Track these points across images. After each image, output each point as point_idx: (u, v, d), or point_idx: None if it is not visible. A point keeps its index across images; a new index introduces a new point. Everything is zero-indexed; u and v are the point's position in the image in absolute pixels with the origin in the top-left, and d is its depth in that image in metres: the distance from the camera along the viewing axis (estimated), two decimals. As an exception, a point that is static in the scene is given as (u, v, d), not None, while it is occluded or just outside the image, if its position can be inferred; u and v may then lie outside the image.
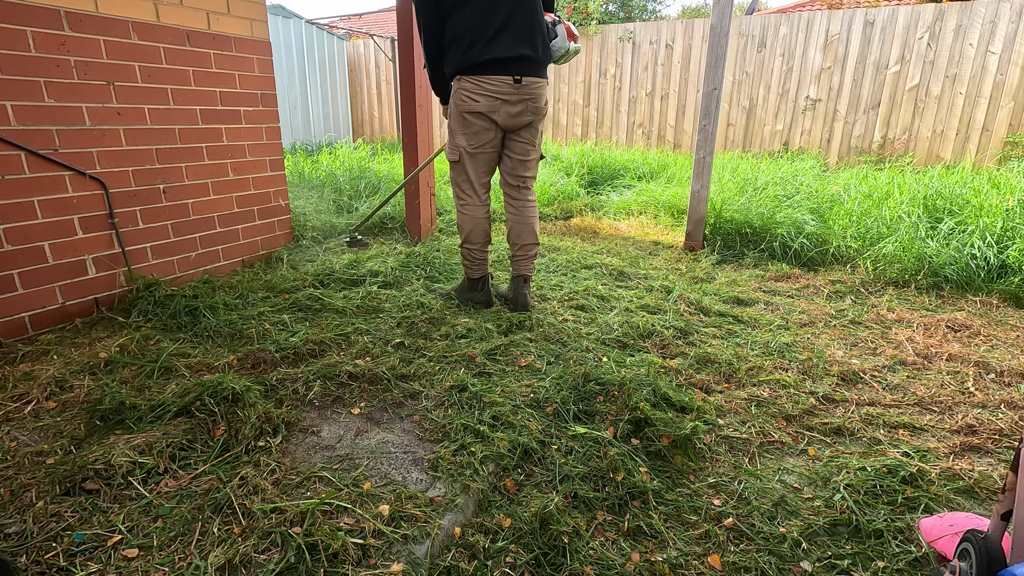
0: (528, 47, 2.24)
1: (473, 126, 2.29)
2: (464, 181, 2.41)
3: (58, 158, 2.23)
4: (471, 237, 2.47)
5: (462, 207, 2.46)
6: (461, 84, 2.25)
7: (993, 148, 6.17)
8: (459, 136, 2.33)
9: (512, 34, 2.20)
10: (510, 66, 2.22)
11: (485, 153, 2.36)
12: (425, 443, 1.58)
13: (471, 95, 2.24)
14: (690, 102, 7.65)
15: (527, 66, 2.25)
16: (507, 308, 2.57)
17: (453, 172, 2.44)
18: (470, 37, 2.18)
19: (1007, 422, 1.79)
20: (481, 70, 2.20)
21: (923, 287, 3.03)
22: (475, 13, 2.16)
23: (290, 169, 5.33)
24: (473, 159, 2.36)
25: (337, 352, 2.05)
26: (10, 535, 1.23)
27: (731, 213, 3.88)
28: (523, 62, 2.24)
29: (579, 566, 1.21)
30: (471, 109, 2.25)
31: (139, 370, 1.91)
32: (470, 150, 2.34)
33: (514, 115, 2.29)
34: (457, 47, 2.21)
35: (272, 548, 1.18)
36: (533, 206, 2.52)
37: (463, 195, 2.45)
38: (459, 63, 2.22)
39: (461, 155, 2.36)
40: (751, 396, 1.94)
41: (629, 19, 11.68)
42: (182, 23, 2.60)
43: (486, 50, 2.18)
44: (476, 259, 2.51)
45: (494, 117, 2.27)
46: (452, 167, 2.43)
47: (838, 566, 1.25)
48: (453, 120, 2.33)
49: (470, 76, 2.22)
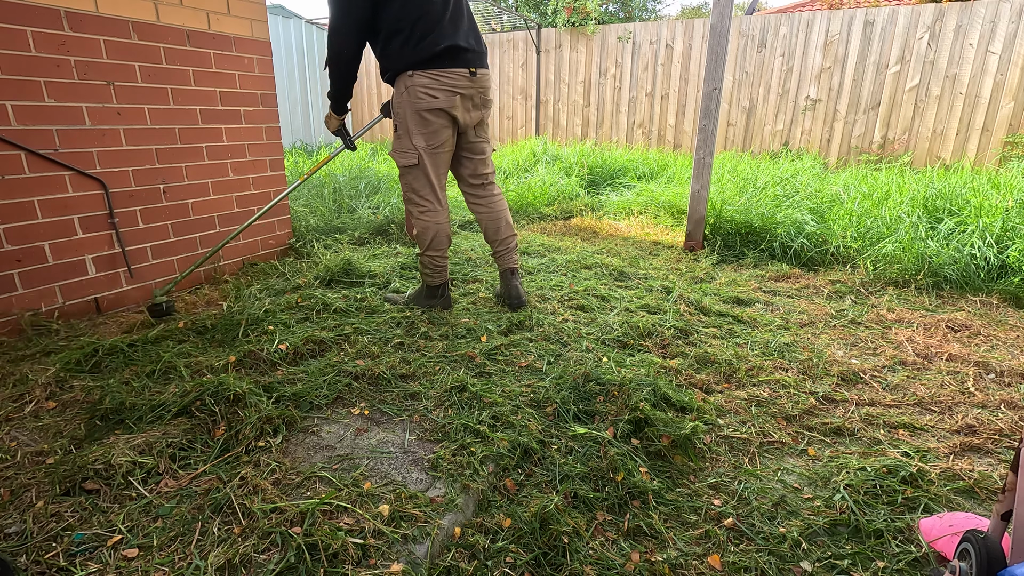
0: (473, 38, 2.17)
1: (432, 124, 2.15)
2: (423, 186, 2.25)
3: (58, 158, 2.23)
4: (434, 245, 2.31)
5: (422, 214, 2.28)
6: (414, 80, 2.09)
7: (993, 148, 6.17)
8: (416, 137, 2.17)
9: (458, 25, 2.12)
10: (463, 57, 2.12)
11: (443, 152, 2.24)
12: (425, 443, 1.58)
13: (428, 91, 2.09)
14: (690, 102, 7.65)
15: (477, 58, 2.17)
16: (504, 307, 2.53)
17: (408, 177, 2.25)
18: (422, 27, 2.04)
19: (1007, 422, 1.79)
20: (438, 63, 2.07)
21: (923, 287, 3.03)
22: (422, 2, 2.02)
23: (290, 169, 5.33)
24: (433, 159, 2.22)
25: (337, 352, 2.05)
26: (10, 535, 1.23)
27: (731, 213, 3.88)
28: (473, 54, 2.16)
29: (579, 566, 1.21)
30: (430, 106, 2.11)
31: (139, 370, 1.91)
32: (429, 150, 2.19)
33: (470, 110, 2.21)
34: (403, 38, 2.05)
35: (272, 548, 1.18)
36: (501, 198, 2.45)
37: (422, 201, 2.27)
38: (412, 56, 2.06)
39: (420, 157, 2.19)
40: (751, 396, 1.94)
41: (629, 19, 11.68)
42: (182, 23, 2.60)
43: (440, 40, 2.05)
44: (439, 266, 2.37)
45: (453, 113, 2.16)
46: (407, 172, 2.25)
47: (838, 566, 1.25)
48: (407, 121, 2.16)
49: (425, 70, 2.07)
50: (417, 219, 2.31)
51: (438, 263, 2.37)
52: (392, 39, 2.07)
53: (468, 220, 4.52)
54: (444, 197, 2.33)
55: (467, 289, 2.78)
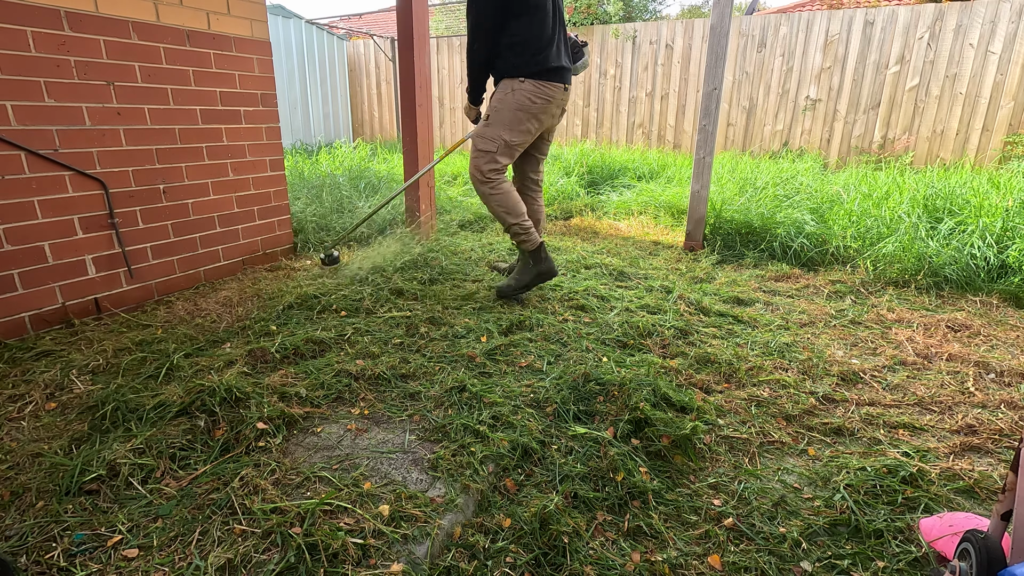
0: (568, 59, 2.54)
1: (523, 124, 2.47)
2: (491, 170, 2.53)
3: (58, 158, 2.23)
4: (515, 211, 2.55)
5: (493, 189, 2.53)
6: (522, 85, 2.41)
7: (993, 148, 6.17)
8: (504, 131, 2.46)
9: (561, 46, 2.49)
10: (563, 75, 2.48)
11: (519, 149, 2.56)
12: (425, 443, 1.58)
13: (531, 97, 2.42)
14: (690, 102, 7.65)
15: (569, 76, 2.55)
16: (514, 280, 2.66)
17: (480, 160, 2.51)
18: (538, 43, 2.38)
19: (1007, 422, 1.79)
20: (547, 75, 2.42)
21: (923, 287, 3.03)
22: (539, 21, 2.37)
23: (290, 169, 5.33)
24: (508, 152, 2.51)
25: (337, 352, 2.05)
26: (10, 535, 1.23)
27: (731, 213, 3.88)
28: (568, 72, 2.53)
29: (579, 566, 1.21)
30: (529, 110, 2.44)
31: (140, 370, 1.91)
32: (510, 144, 2.49)
33: (554, 117, 2.58)
34: (523, 50, 2.37)
35: (272, 548, 1.18)
36: (543, 199, 2.86)
37: (490, 178, 2.53)
38: (528, 65, 2.39)
39: (499, 146, 2.48)
40: (751, 396, 1.94)
41: (630, 19, 11.69)
42: (182, 23, 2.60)
43: (553, 58, 2.42)
44: (526, 229, 2.59)
45: (543, 119, 2.50)
46: (481, 155, 2.51)
47: (838, 566, 1.25)
48: (502, 115, 2.45)
49: (535, 80, 2.40)
50: (491, 194, 2.55)
51: (524, 226, 2.58)
52: (511, 49, 2.39)
53: (467, 220, 4.51)
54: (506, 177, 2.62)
55: (467, 289, 2.78)
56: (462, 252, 3.51)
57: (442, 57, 9.33)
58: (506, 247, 3.68)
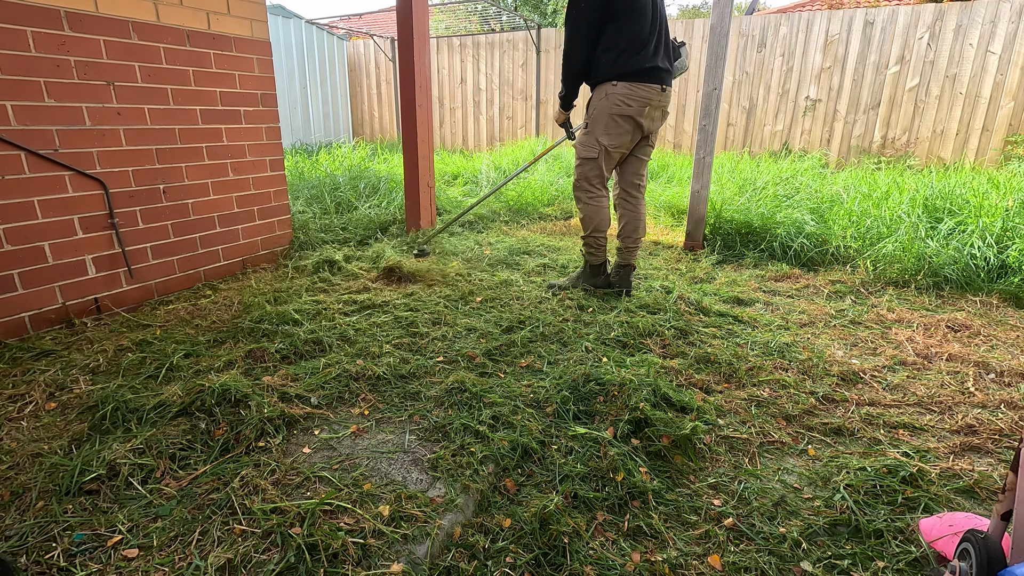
0: (667, 60, 2.51)
1: (620, 127, 2.48)
2: (596, 176, 2.60)
3: (58, 158, 2.23)
4: (600, 226, 2.68)
5: (590, 200, 2.64)
6: (616, 89, 2.42)
7: (993, 148, 6.17)
8: (603, 136, 2.51)
9: (660, 47, 2.46)
10: (659, 76, 2.45)
11: (620, 153, 2.57)
12: (425, 443, 1.58)
13: (625, 99, 2.42)
14: (690, 102, 7.65)
15: (668, 77, 2.52)
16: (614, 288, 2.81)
17: (584, 168, 2.60)
18: (634, 45, 2.37)
19: (1007, 422, 1.79)
20: (638, 77, 2.40)
21: (923, 287, 3.03)
22: (636, 24, 2.36)
23: (289, 169, 5.33)
24: (609, 157, 2.56)
25: (337, 352, 2.05)
26: (10, 535, 1.23)
27: (731, 213, 3.88)
28: (666, 73, 2.50)
29: (579, 566, 1.21)
30: (623, 112, 2.44)
31: (140, 371, 1.91)
32: (610, 149, 2.53)
33: (654, 120, 2.55)
34: (616, 53, 2.37)
35: (272, 548, 1.18)
36: (643, 203, 2.80)
37: (592, 188, 2.63)
38: (620, 68, 2.38)
39: (600, 152, 2.53)
40: (751, 396, 1.94)
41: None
42: (182, 23, 2.60)
43: (646, 59, 2.39)
44: (601, 246, 2.74)
45: (640, 121, 2.48)
46: (585, 163, 2.59)
47: (838, 566, 1.25)
48: (600, 120, 2.49)
49: (627, 82, 2.40)
50: (585, 204, 2.67)
51: (601, 243, 2.74)
52: (606, 53, 2.41)
53: (467, 220, 4.51)
54: (607, 188, 2.69)
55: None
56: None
57: (442, 57, 9.33)
58: (507, 247, 3.67)
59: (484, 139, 9.47)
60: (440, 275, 2.95)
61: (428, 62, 3.58)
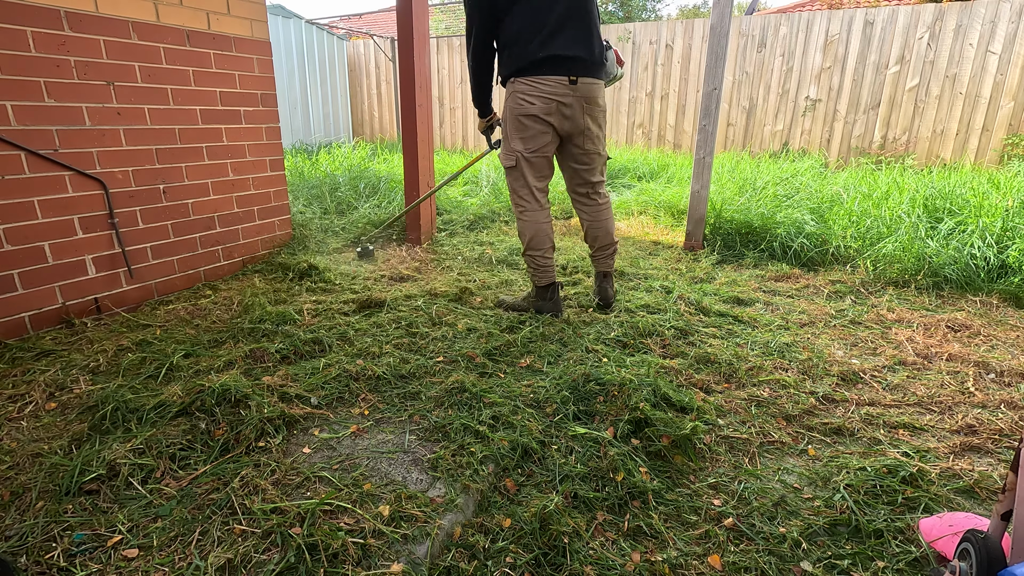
0: (583, 48, 2.18)
1: (529, 130, 2.24)
2: (522, 187, 2.36)
3: (58, 158, 2.23)
4: (532, 244, 2.40)
5: (521, 213, 2.40)
6: (515, 87, 2.21)
7: (993, 148, 6.17)
8: (515, 141, 2.28)
9: (568, 34, 2.15)
10: (564, 66, 2.16)
11: (543, 158, 2.32)
12: (425, 443, 1.58)
13: (526, 97, 2.19)
14: (690, 102, 7.65)
15: (582, 66, 2.19)
16: (595, 306, 2.62)
17: (510, 178, 2.39)
18: (527, 35, 2.13)
19: (1007, 422, 1.79)
20: (536, 70, 2.15)
21: (923, 287, 3.03)
22: (530, 11, 2.11)
23: (289, 169, 5.33)
24: (530, 164, 2.31)
25: (337, 352, 2.05)
26: (10, 535, 1.23)
27: (731, 213, 3.88)
28: (577, 63, 2.18)
29: (579, 566, 1.21)
30: (526, 112, 2.21)
31: (140, 371, 1.91)
32: (527, 155, 2.29)
33: (569, 117, 2.24)
34: (512, 47, 2.16)
35: (272, 548, 1.18)
36: (605, 208, 2.52)
37: (522, 201, 2.38)
38: (514, 63, 2.17)
39: (518, 160, 2.30)
40: (751, 396, 1.94)
41: (629, 19, 11.68)
42: (182, 23, 2.60)
43: (541, 48, 2.12)
44: (540, 265, 2.43)
45: (550, 120, 2.22)
46: (509, 173, 2.37)
47: (838, 566, 1.25)
48: (508, 124, 2.29)
49: (525, 78, 2.17)
50: (518, 218, 2.43)
51: (539, 262, 2.43)
52: (504, 48, 2.20)
53: (467, 220, 4.51)
54: (544, 199, 2.41)
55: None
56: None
57: (442, 57, 9.33)
58: (507, 247, 3.67)
59: (484, 139, 9.47)
60: (440, 275, 2.95)
61: (428, 62, 3.58)
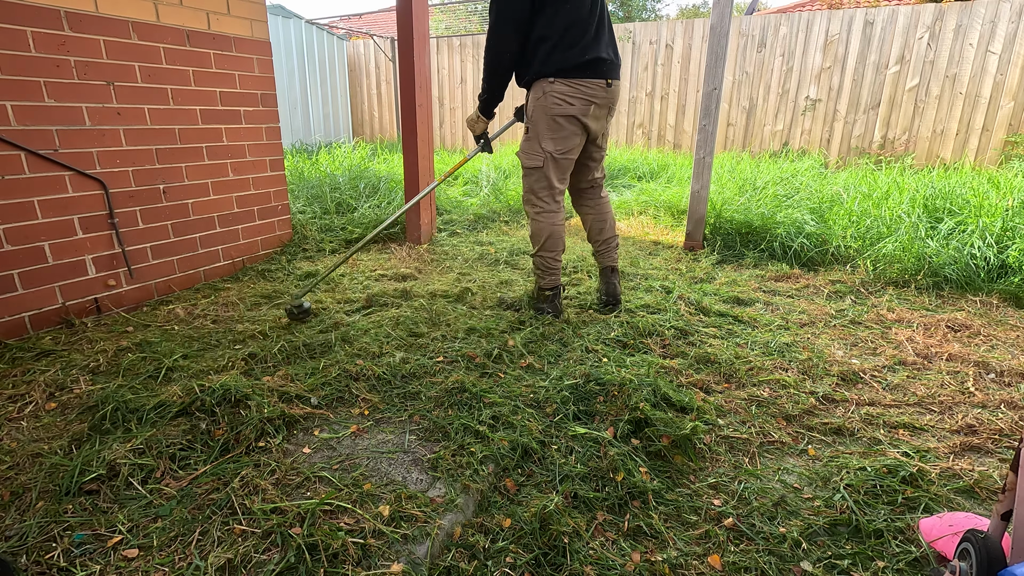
0: (612, 50, 2.22)
1: (564, 130, 2.20)
2: (543, 188, 2.30)
3: (58, 158, 2.23)
4: (547, 245, 2.36)
5: (538, 215, 2.34)
6: (554, 87, 2.14)
7: (993, 148, 6.17)
8: (546, 141, 2.22)
9: (603, 38, 2.18)
10: (602, 69, 2.16)
11: (569, 159, 2.29)
12: (425, 443, 1.58)
13: (566, 98, 2.15)
14: (690, 102, 7.65)
15: (614, 69, 2.22)
16: (601, 303, 2.58)
17: (531, 179, 2.32)
18: (571, 36, 2.09)
19: (1007, 422, 1.79)
20: (579, 72, 2.12)
21: (923, 287, 3.03)
22: (574, 12, 2.07)
23: (289, 169, 5.33)
24: (557, 165, 2.27)
25: (338, 352, 2.05)
26: (10, 535, 1.23)
27: (731, 213, 3.88)
28: (613, 66, 2.20)
29: (579, 566, 1.21)
30: (565, 113, 2.16)
31: (140, 371, 1.91)
32: (556, 155, 2.24)
33: (599, 119, 2.26)
34: (551, 45, 2.10)
35: (272, 548, 1.18)
36: (607, 201, 2.54)
37: (540, 202, 2.33)
38: (554, 63, 2.11)
39: (546, 160, 2.25)
40: (751, 396, 1.94)
41: (629, 19, 11.68)
42: (182, 23, 2.60)
43: (586, 51, 2.11)
44: (551, 268, 2.41)
45: (585, 121, 2.21)
46: (530, 173, 2.31)
47: (838, 566, 1.25)
48: (540, 124, 2.21)
49: (565, 79, 2.13)
50: (533, 219, 2.37)
51: (550, 264, 2.41)
52: (540, 44, 2.12)
53: (467, 221, 4.51)
54: (562, 200, 2.38)
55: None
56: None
57: (442, 57, 9.33)
58: (507, 247, 3.67)
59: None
60: (440, 275, 2.95)
61: (428, 62, 3.58)
